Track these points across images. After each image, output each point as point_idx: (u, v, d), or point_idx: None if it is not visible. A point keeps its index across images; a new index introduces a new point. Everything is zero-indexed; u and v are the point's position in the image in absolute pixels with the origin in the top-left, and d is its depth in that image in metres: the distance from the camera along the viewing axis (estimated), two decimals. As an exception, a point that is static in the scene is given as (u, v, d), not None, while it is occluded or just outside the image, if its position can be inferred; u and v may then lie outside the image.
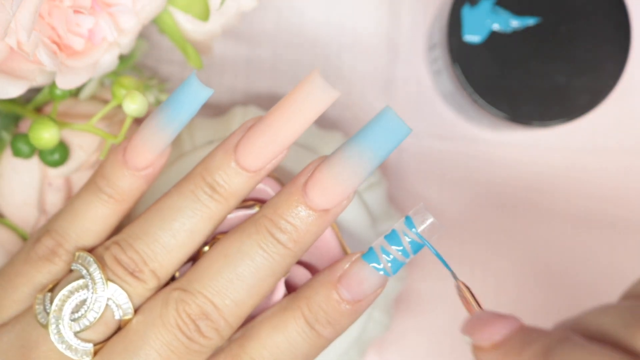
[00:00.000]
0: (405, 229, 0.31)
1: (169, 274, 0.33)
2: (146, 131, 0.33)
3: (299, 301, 0.33)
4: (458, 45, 0.44)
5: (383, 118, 0.31)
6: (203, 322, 0.32)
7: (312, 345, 0.32)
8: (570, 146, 0.50)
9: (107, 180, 0.34)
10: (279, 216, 0.32)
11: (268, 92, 0.49)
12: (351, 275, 0.32)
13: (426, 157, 0.50)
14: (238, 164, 0.32)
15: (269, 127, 0.32)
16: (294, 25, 0.49)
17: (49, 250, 0.34)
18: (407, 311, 0.49)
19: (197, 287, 0.32)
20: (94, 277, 0.32)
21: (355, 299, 0.32)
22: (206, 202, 0.32)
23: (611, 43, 0.44)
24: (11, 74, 0.34)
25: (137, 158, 0.33)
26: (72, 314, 0.32)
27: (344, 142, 0.32)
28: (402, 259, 0.32)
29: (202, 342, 0.32)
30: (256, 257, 0.32)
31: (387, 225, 0.44)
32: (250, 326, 0.33)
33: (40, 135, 0.36)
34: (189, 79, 0.32)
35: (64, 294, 0.32)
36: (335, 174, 0.31)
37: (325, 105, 0.31)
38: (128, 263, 0.32)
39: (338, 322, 0.32)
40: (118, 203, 0.34)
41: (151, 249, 0.32)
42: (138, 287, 0.32)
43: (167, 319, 0.32)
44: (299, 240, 0.32)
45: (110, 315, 0.32)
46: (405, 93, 0.50)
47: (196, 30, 0.41)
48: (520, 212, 0.50)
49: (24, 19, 0.32)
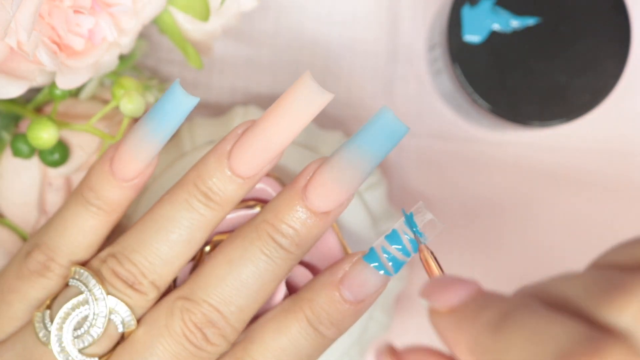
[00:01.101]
0: (404, 228, 0.32)
1: (168, 282, 0.33)
2: (132, 142, 0.32)
3: (301, 303, 0.32)
4: (458, 45, 0.44)
5: (381, 118, 0.31)
6: (209, 330, 0.32)
7: (315, 346, 0.32)
8: (570, 146, 0.50)
9: (94, 192, 0.33)
10: (280, 220, 0.32)
11: (268, 92, 0.49)
12: (353, 276, 0.32)
13: (426, 157, 0.50)
14: (232, 171, 0.32)
15: (263, 133, 0.31)
16: (294, 25, 0.49)
17: (40, 265, 0.33)
18: (408, 311, 0.49)
19: (202, 296, 0.32)
20: (94, 293, 0.32)
21: (358, 300, 0.32)
22: (201, 210, 0.32)
23: (611, 43, 0.44)
24: (11, 74, 0.34)
25: (124, 169, 0.33)
26: (75, 331, 0.32)
27: (343, 143, 0.32)
28: (402, 258, 0.32)
29: (210, 349, 0.32)
30: (259, 263, 0.32)
31: (388, 225, 0.44)
32: (253, 329, 0.33)
33: (38, 135, 0.36)
34: (172, 88, 0.32)
35: (65, 311, 0.32)
36: (335, 176, 0.31)
37: (319, 107, 0.31)
38: (127, 276, 0.32)
39: (341, 322, 0.32)
40: (107, 214, 0.33)
41: (149, 261, 0.32)
42: (139, 299, 0.32)
43: (174, 329, 0.32)
44: (300, 244, 0.32)
45: (113, 329, 0.32)
46: (405, 93, 0.50)
47: (196, 30, 0.41)
48: (520, 211, 0.50)
49: (24, 19, 0.32)
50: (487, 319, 0.24)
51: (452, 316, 0.26)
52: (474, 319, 0.25)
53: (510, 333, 0.23)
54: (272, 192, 0.36)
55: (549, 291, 0.25)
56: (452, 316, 0.26)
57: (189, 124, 0.43)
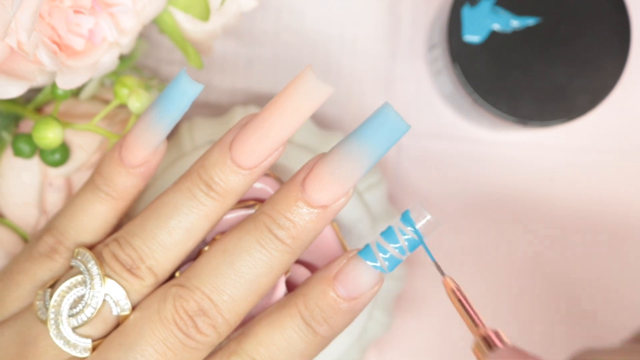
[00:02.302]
0: (401, 226, 0.31)
1: (167, 271, 0.33)
2: (139, 128, 0.33)
3: (296, 298, 0.33)
4: (458, 45, 0.44)
5: (382, 114, 0.31)
6: (200, 319, 0.32)
7: (308, 343, 0.32)
8: (570, 146, 0.50)
9: (104, 178, 0.34)
10: (277, 212, 0.32)
11: (268, 92, 0.49)
12: (347, 272, 0.32)
13: (426, 157, 0.50)
14: (234, 161, 0.32)
15: (263, 124, 0.32)
16: (294, 25, 0.49)
17: (49, 247, 0.34)
18: (408, 311, 0.49)
19: (195, 283, 0.32)
20: (92, 273, 0.32)
21: (351, 296, 0.32)
22: (202, 199, 0.32)
23: (611, 43, 0.44)
24: (11, 74, 0.34)
25: (132, 155, 0.34)
26: (71, 310, 0.32)
27: (343, 138, 0.32)
28: (399, 256, 0.32)
29: (199, 338, 0.32)
30: (254, 253, 0.32)
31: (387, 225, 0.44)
32: (249, 325, 0.33)
33: (44, 135, 0.36)
34: (178, 76, 0.32)
35: (63, 289, 0.32)
36: (333, 169, 0.31)
37: (319, 101, 0.31)
38: (125, 260, 0.32)
39: (334, 319, 0.32)
40: (115, 201, 0.34)
41: (148, 246, 0.33)
42: (135, 283, 0.33)
43: (165, 315, 0.32)
44: (297, 237, 0.32)
45: (108, 311, 0.33)
46: (405, 93, 0.50)
47: (196, 30, 0.41)
48: (519, 211, 0.50)
49: (24, 19, 0.32)
50: None
51: None
52: None
53: None
54: (271, 192, 0.36)
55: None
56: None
57: (189, 124, 0.44)
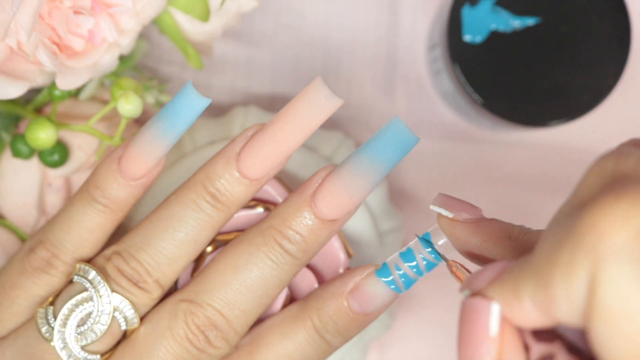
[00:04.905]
0: (420, 247, 0.32)
1: (172, 281, 0.33)
2: (143, 141, 0.33)
3: (310, 311, 0.33)
4: (458, 45, 0.44)
5: (392, 129, 0.31)
6: (212, 333, 0.32)
7: (320, 353, 0.33)
8: (570, 146, 0.50)
9: (101, 190, 0.33)
10: (287, 227, 0.32)
11: (268, 92, 0.49)
12: (363, 290, 0.33)
13: (426, 157, 0.50)
14: (241, 173, 0.32)
15: (273, 137, 0.32)
16: (294, 25, 0.49)
17: (44, 261, 0.33)
18: (409, 311, 0.49)
19: (206, 299, 0.32)
20: (99, 290, 0.32)
21: (365, 312, 0.33)
22: (208, 211, 0.32)
23: (611, 43, 0.44)
24: (11, 74, 0.34)
25: (133, 168, 0.33)
26: (78, 328, 0.32)
27: (353, 152, 0.32)
28: (414, 276, 0.32)
29: (212, 352, 0.32)
30: (265, 269, 0.32)
31: (388, 225, 0.44)
32: (258, 333, 0.33)
33: (36, 136, 0.36)
34: (185, 89, 0.32)
35: (69, 307, 0.32)
36: (344, 185, 0.31)
37: (328, 113, 0.31)
38: (132, 274, 0.32)
39: (347, 332, 0.33)
40: (113, 212, 0.34)
41: (154, 260, 0.32)
42: (143, 297, 0.32)
43: (177, 331, 0.32)
44: (306, 250, 0.32)
45: (117, 326, 0.32)
46: (405, 93, 0.50)
47: (196, 31, 0.41)
48: (520, 211, 0.50)
49: (24, 19, 0.32)
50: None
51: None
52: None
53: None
54: (272, 192, 0.36)
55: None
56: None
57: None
